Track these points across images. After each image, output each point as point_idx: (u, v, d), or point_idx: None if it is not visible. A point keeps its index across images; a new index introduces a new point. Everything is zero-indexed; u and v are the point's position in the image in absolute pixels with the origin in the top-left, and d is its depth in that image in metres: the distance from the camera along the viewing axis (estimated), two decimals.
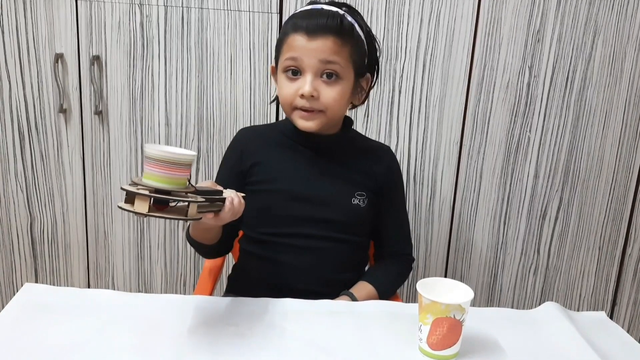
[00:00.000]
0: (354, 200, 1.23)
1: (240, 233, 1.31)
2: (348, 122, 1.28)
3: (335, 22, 1.12)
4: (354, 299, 1.17)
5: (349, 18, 1.15)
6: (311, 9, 1.15)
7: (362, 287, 1.22)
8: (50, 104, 1.67)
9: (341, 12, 1.15)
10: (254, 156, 1.25)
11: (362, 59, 1.19)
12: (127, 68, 1.65)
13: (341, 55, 1.13)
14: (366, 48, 1.20)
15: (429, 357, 0.92)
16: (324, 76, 1.13)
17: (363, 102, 1.27)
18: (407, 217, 1.36)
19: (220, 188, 0.98)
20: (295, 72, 1.14)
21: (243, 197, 1.01)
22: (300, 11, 1.16)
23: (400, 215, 1.34)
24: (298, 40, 1.12)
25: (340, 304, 1.09)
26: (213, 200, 0.93)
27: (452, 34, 1.66)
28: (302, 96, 1.13)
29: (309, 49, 1.11)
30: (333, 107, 1.16)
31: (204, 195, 0.89)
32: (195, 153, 0.88)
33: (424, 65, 1.68)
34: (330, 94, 1.14)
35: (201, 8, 1.61)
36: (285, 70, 1.15)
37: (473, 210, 1.81)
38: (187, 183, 0.87)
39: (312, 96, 1.12)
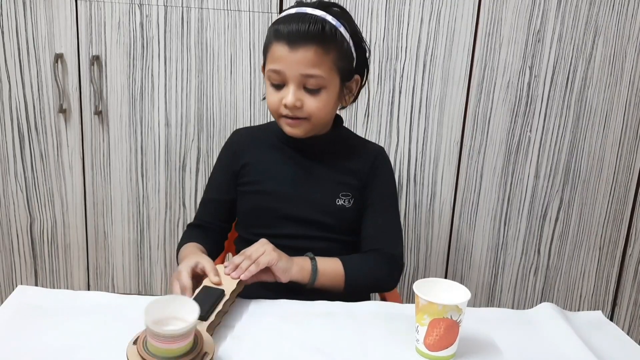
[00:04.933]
0: (338, 201, 1.22)
1: (237, 234, 1.31)
2: (339, 120, 1.27)
3: (317, 28, 1.10)
4: (313, 262, 1.13)
5: (333, 22, 1.13)
6: (295, 13, 1.13)
7: (330, 260, 1.17)
8: (50, 104, 1.68)
9: (323, 15, 1.12)
10: (245, 157, 1.25)
11: (348, 63, 1.17)
12: (127, 68, 1.65)
13: (324, 65, 1.12)
14: (353, 51, 1.17)
15: (426, 358, 0.92)
16: (307, 87, 1.13)
17: (353, 102, 1.26)
18: (394, 217, 1.28)
19: (212, 284, 1.01)
20: (279, 85, 1.14)
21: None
22: (283, 16, 1.15)
23: (382, 215, 1.26)
24: (280, 51, 1.11)
25: (336, 305, 1.08)
26: (216, 305, 0.95)
27: (452, 34, 1.66)
28: (285, 106, 1.13)
29: (291, 61, 1.11)
30: (318, 115, 1.16)
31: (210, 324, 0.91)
32: (197, 315, 0.83)
33: (424, 65, 1.68)
34: (314, 103, 1.14)
35: (201, 8, 1.61)
36: (269, 80, 1.16)
37: (473, 210, 1.81)
38: (193, 344, 0.84)
39: (296, 106, 1.13)
